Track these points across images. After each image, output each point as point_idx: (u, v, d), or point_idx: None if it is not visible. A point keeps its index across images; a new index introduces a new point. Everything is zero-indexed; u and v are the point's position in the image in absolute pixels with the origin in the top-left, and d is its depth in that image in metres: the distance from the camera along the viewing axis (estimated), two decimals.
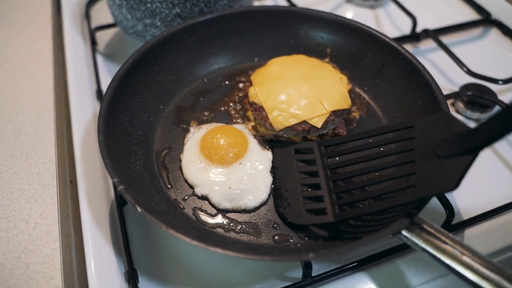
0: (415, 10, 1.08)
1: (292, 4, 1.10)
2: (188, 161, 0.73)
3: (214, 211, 0.70)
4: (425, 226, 0.58)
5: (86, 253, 0.68)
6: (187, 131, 0.79)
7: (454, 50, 0.98)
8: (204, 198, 0.71)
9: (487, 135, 0.49)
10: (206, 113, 0.83)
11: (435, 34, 1.03)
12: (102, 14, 1.11)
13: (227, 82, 0.89)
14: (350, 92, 0.80)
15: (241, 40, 0.92)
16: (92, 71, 0.97)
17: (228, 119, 0.83)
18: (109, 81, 0.75)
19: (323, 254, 0.55)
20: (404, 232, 0.59)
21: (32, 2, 1.12)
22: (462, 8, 1.18)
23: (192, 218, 0.69)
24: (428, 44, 1.06)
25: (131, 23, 0.92)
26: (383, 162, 0.65)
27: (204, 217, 0.69)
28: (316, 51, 0.91)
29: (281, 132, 0.75)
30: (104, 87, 0.81)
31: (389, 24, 1.14)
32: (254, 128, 0.80)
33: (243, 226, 0.68)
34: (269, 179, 0.72)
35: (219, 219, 0.69)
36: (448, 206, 0.70)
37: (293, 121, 0.74)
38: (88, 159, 0.79)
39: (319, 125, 0.73)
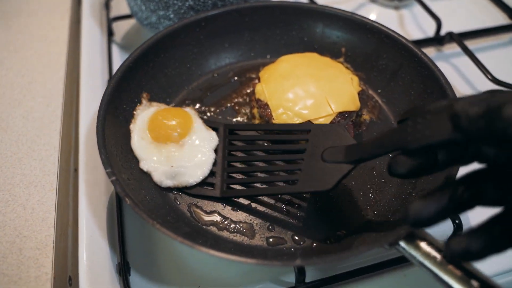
0: (441, 12, 1.04)
1: (312, 1, 1.07)
2: (137, 135, 0.72)
3: (209, 208, 0.68)
4: (425, 239, 0.55)
5: (79, 241, 0.67)
6: (140, 102, 0.78)
7: (479, 56, 0.93)
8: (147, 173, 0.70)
9: (367, 153, 0.56)
10: (212, 109, 0.82)
11: (460, 38, 0.98)
12: (122, 5, 1.11)
13: (236, 78, 0.87)
14: (360, 94, 0.77)
15: (254, 35, 0.90)
16: (106, 61, 0.97)
17: (233, 116, 0.81)
18: None
19: (312, 262, 0.53)
20: (402, 243, 0.55)
21: None
22: (492, 12, 1.12)
23: (186, 214, 0.67)
24: (452, 48, 1.01)
25: (146, 14, 0.92)
26: (276, 155, 0.72)
27: (198, 213, 0.67)
28: (330, 50, 0.88)
29: None
30: None
31: (413, 25, 1.09)
32: None
33: (238, 225, 0.66)
34: (211, 156, 0.71)
35: (213, 216, 0.67)
36: (456, 219, 0.66)
37: (297, 121, 0.71)
38: (93, 148, 0.79)
39: None
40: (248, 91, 0.85)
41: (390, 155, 0.57)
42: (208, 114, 0.81)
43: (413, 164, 0.50)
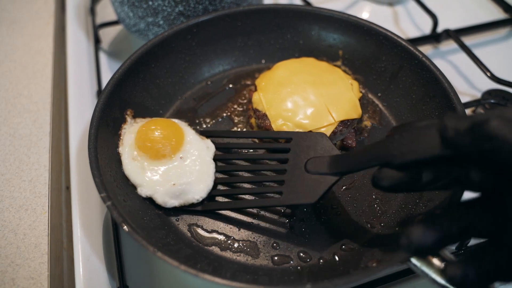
0: (437, 8, 1.01)
1: (307, 3, 1.04)
2: (128, 157, 0.68)
3: (210, 227, 0.65)
4: (438, 255, 0.53)
5: (75, 266, 0.65)
6: (125, 121, 0.73)
7: (477, 52, 0.91)
8: (149, 198, 0.66)
9: (351, 166, 0.56)
10: (208, 120, 0.79)
11: (457, 34, 0.96)
12: (107, 10, 1.07)
13: (231, 85, 0.84)
14: (361, 99, 0.74)
15: (248, 40, 0.86)
16: (94, 71, 0.94)
17: (230, 126, 0.78)
18: None
19: (323, 286, 0.50)
20: (413, 260, 0.53)
21: None
22: (488, 6, 1.10)
23: (186, 234, 0.64)
24: (450, 45, 0.99)
25: (133, 21, 0.88)
26: (259, 165, 0.70)
27: (199, 233, 0.65)
28: (327, 53, 0.85)
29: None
30: None
31: (409, 23, 1.07)
32: None
33: (241, 244, 0.63)
34: (211, 166, 0.68)
35: (215, 235, 0.64)
36: None
37: (297, 131, 0.68)
38: (85, 164, 0.76)
39: None
40: (244, 99, 0.82)
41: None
42: (204, 125, 0.78)
43: (397, 179, 0.48)
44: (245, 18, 0.84)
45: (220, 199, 0.68)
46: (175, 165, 0.67)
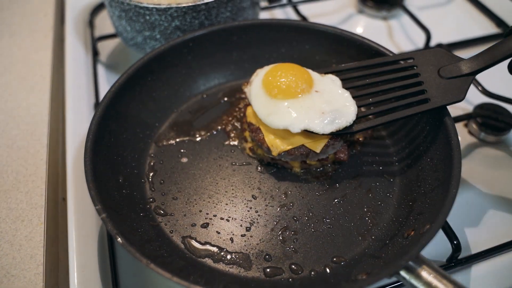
0: (430, 23, 1.03)
1: (302, 17, 1.06)
2: (266, 113, 0.70)
3: (203, 239, 0.66)
4: (426, 267, 0.54)
5: (70, 278, 0.66)
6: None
7: None
8: (305, 130, 0.68)
9: (484, 63, 0.67)
10: (203, 133, 0.80)
11: (449, 48, 0.98)
12: (106, 22, 1.09)
13: (226, 99, 0.86)
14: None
15: (243, 54, 0.88)
16: (92, 83, 0.95)
17: (225, 139, 0.79)
18: None
19: None
20: (402, 273, 0.54)
21: (34, 9, 1.11)
22: (480, 21, 1.12)
23: (180, 246, 0.65)
24: None
25: (131, 35, 0.89)
26: (396, 83, 0.72)
27: (193, 245, 0.65)
28: (321, 67, 0.86)
29: (278, 156, 0.71)
30: None
31: (402, 37, 1.09)
32: (251, 149, 0.76)
33: (234, 256, 0.64)
34: (347, 93, 0.72)
35: (208, 247, 0.65)
36: (454, 240, 0.66)
37: (291, 145, 0.70)
38: (81, 176, 0.76)
39: (318, 150, 0.69)
40: (239, 113, 0.83)
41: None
42: (199, 138, 0.79)
43: None
44: (241, 33, 0.86)
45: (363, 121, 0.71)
46: (314, 98, 0.70)
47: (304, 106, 0.69)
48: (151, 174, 0.74)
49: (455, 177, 0.60)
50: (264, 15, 1.12)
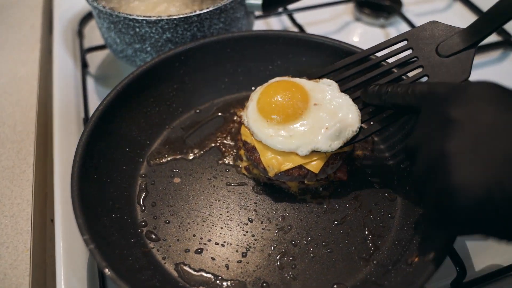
0: None
1: (298, 26, 1.03)
2: (267, 135, 0.67)
3: (197, 266, 0.63)
4: None
5: None
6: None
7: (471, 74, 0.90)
8: (313, 151, 0.66)
9: (484, 31, 0.61)
10: (196, 151, 0.77)
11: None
12: (96, 32, 1.05)
13: (220, 114, 0.82)
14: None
15: (237, 67, 0.85)
16: (81, 97, 0.91)
17: (219, 157, 0.76)
18: None
19: None
20: None
21: (20, 20, 1.07)
22: None
23: (173, 274, 0.62)
24: None
25: (121, 47, 0.86)
26: (394, 74, 0.68)
27: (187, 272, 0.62)
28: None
29: (275, 177, 0.68)
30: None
31: (401, 45, 1.05)
32: (246, 169, 0.73)
33: (229, 284, 0.61)
34: (346, 98, 0.69)
35: (203, 274, 0.62)
36: (459, 264, 0.63)
37: (288, 166, 0.67)
38: (70, 197, 0.73)
39: (316, 170, 0.66)
40: (234, 129, 0.80)
41: None
42: (192, 156, 0.76)
43: None
44: (235, 45, 0.83)
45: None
46: (315, 113, 0.67)
47: (306, 125, 0.66)
48: (142, 196, 0.71)
49: None
50: (259, 24, 1.09)
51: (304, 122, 0.66)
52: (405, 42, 0.69)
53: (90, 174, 0.65)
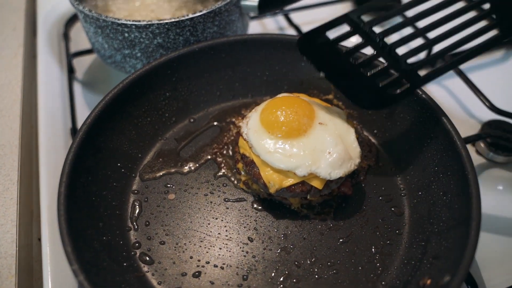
0: None
1: (295, 27, 0.99)
2: (266, 151, 0.63)
3: None
4: None
5: None
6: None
7: (474, 75, 0.90)
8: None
9: None
10: (191, 164, 0.73)
11: (452, 58, 0.91)
12: (82, 35, 1.00)
13: (216, 123, 0.78)
14: (357, 139, 0.69)
15: (233, 73, 0.80)
16: (68, 105, 0.87)
17: (215, 170, 0.72)
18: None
19: None
20: None
21: (2, 23, 1.01)
22: None
23: None
24: None
25: (109, 52, 0.81)
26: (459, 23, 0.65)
27: None
28: (318, 86, 0.80)
29: (276, 193, 0.64)
30: (80, 124, 0.69)
31: (403, 47, 1.02)
32: (245, 183, 0.69)
33: None
34: (351, 130, 0.66)
35: None
36: (470, 282, 0.60)
37: (290, 181, 0.63)
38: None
39: (320, 186, 0.62)
40: (230, 138, 0.76)
41: None
42: (187, 169, 0.72)
43: None
44: (230, 50, 0.78)
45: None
46: (319, 133, 0.64)
47: (308, 144, 0.63)
48: (135, 215, 0.66)
49: (475, 219, 0.54)
50: (254, 25, 1.05)
51: (307, 141, 0.63)
52: None
53: (79, 194, 0.61)
